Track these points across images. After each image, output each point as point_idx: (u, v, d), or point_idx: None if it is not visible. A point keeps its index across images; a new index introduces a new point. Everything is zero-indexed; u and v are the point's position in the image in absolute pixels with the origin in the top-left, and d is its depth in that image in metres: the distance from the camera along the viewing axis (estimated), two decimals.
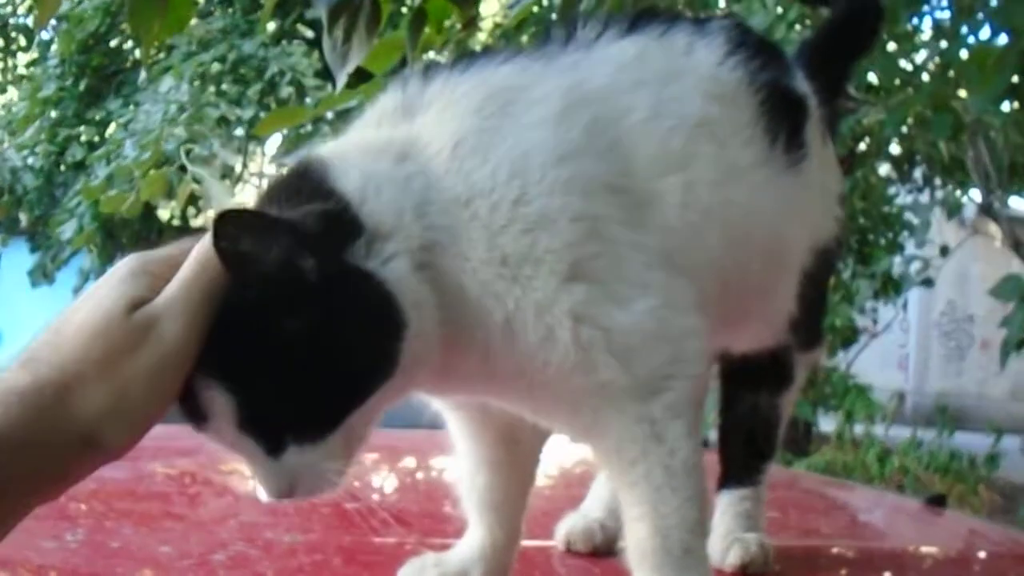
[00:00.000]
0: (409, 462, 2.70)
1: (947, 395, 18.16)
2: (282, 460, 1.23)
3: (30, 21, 15.08)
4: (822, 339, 1.91)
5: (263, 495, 1.27)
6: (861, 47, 2.01)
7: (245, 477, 2.45)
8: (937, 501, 2.65)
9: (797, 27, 7.78)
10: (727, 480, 1.82)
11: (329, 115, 4.18)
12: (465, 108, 1.37)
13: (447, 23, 2.83)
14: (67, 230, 8.80)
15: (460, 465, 1.61)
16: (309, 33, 10.57)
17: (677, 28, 1.57)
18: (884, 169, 11.48)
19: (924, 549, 2.37)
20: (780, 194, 1.56)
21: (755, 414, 1.79)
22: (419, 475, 2.66)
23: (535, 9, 4.91)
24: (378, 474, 2.44)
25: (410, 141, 1.35)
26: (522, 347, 1.31)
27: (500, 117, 1.37)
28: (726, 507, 1.79)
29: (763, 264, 1.57)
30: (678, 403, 1.35)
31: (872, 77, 7.29)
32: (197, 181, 7.40)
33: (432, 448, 2.51)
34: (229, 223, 1.15)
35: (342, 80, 2.41)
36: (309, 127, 7.33)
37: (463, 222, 1.30)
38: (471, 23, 3.06)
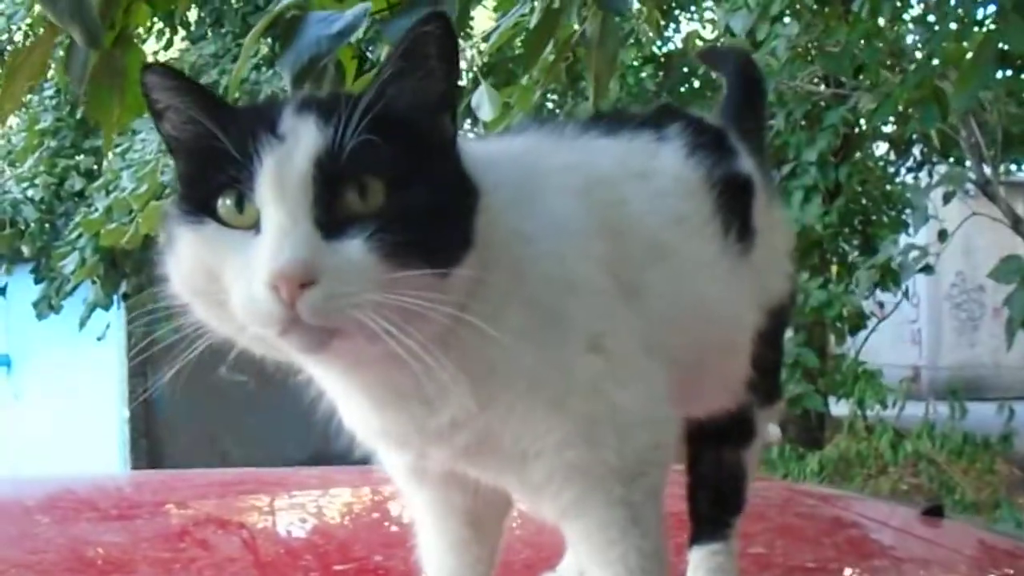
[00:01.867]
0: None
1: (962, 367, 18.14)
2: (325, 244, 1.19)
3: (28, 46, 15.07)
4: (780, 393, 1.94)
5: (264, 265, 1.18)
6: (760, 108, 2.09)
7: (264, 514, 2.47)
8: (934, 511, 2.65)
9: (785, 19, 7.81)
10: (697, 536, 1.81)
11: None
12: (506, 160, 1.45)
13: None
14: (70, 263, 8.82)
15: (427, 547, 1.62)
16: None
17: (641, 132, 1.63)
18: (882, 149, 11.49)
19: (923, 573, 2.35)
20: (735, 281, 1.61)
21: (720, 470, 1.79)
22: None
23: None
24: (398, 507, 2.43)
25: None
26: (535, 404, 1.33)
27: (536, 174, 1.44)
28: (698, 563, 1.79)
29: (722, 347, 1.63)
30: (655, 488, 1.41)
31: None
32: None
33: None
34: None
35: None
36: None
37: (527, 256, 1.35)
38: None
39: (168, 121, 1.32)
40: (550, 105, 10.47)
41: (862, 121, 9.10)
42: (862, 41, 6.80)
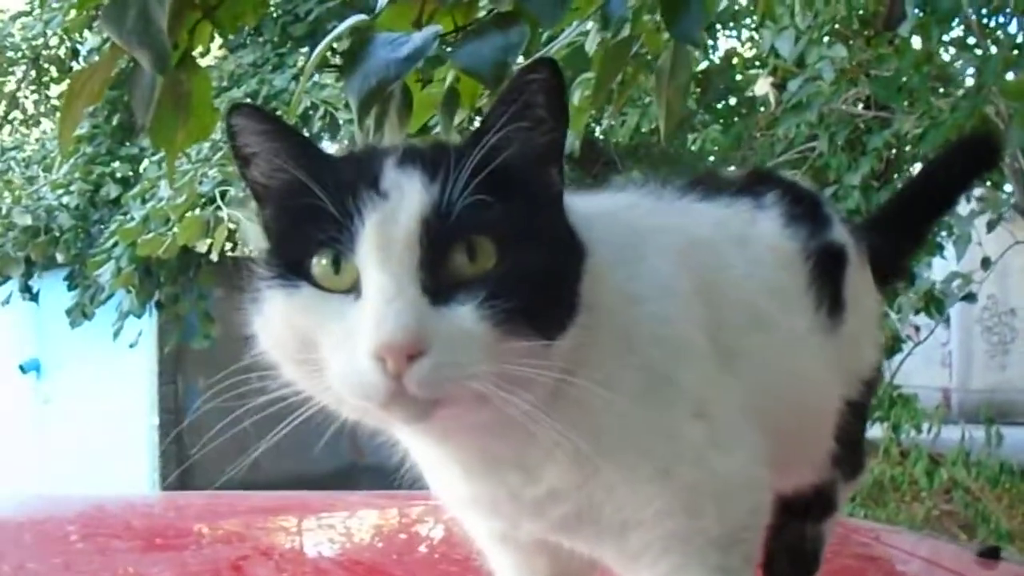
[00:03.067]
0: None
1: (993, 390, 18.02)
2: (433, 311, 1.14)
3: (62, 52, 15.18)
4: (864, 466, 1.88)
5: (368, 335, 1.13)
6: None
7: (290, 535, 2.45)
8: (991, 553, 2.60)
9: (825, 41, 7.75)
10: None
11: None
12: (610, 218, 1.40)
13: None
14: (105, 272, 8.80)
15: None
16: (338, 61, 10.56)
17: (739, 199, 1.62)
18: None
19: None
20: (825, 354, 1.59)
21: (802, 542, 1.79)
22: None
23: None
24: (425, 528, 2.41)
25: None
26: (639, 474, 1.30)
27: (638, 233, 1.41)
28: None
29: (809, 420, 1.60)
30: (750, 553, 1.38)
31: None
32: (234, 222, 7.44)
33: None
34: None
35: None
36: None
37: (635, 318, 1.31)
38: None
39: (256, 168, 1.27)
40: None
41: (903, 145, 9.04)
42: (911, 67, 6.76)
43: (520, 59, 2.20)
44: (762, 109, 9.40)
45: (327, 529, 2.51)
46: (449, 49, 2.31)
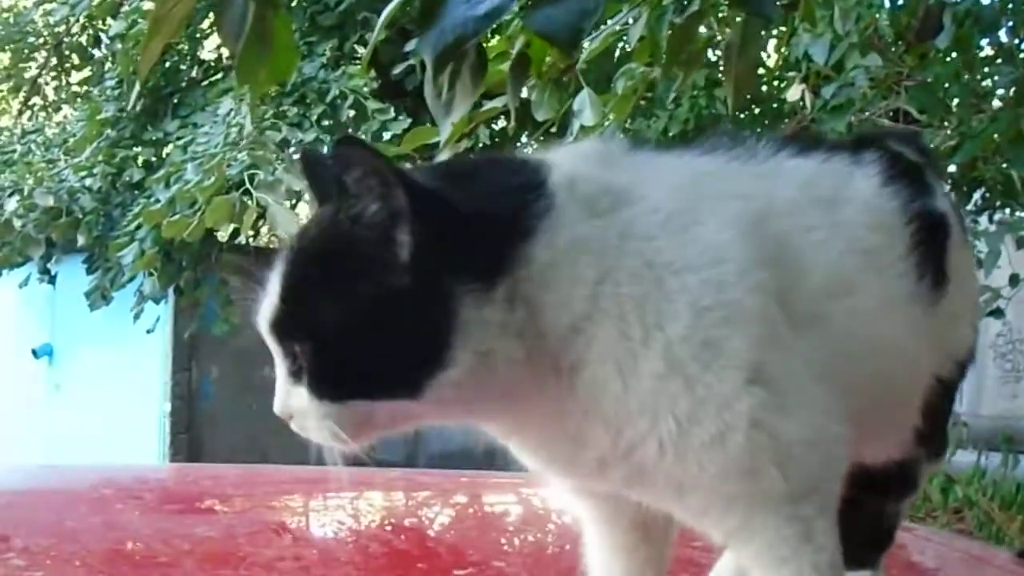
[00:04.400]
0: (460, 499, 2.66)
1: (1004, 417, 17.96)
2: (295, 387, 1.35)
3: (84, 39, 15.18)
4: (946, 447, 1.85)
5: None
6: None
7: (297, 515, 2.42)
8: None
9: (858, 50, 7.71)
10: (847, 563, 1.76)
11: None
12: (675, 183, 1.40)
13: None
14: (128, 254, 8.77)
15: (592, 553, 1.58)
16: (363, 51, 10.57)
17: (836, 155, 1.58)
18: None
19: None
20: (920, 326, 1.54)
21: (880, 520, 1.76)
22: (475, 513, 2.61)
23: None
24: (433, 512, 2.38)
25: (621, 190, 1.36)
26: (690, 443, 1.28)
27: (703, 200, 1.38)
28: None
29: (897, 392, 1.56)
30: (826, 503, 1.37)
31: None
32: (262, 207, 7.41)
33: (486, 488, 2.52)
34: (346, 149, 1.28)
35: (446, 130, 2.35)
36: None
37: (667, 292, 1.29)
38: (571, 68, 3.01)
39: None
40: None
41: None
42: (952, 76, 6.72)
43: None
44: (787, 118, 9.36)
45: (335, 510, 2.48)
46: (523, 11, 2.29)
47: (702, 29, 3.13)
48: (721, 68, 9.79)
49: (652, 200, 1.33)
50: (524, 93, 2.87)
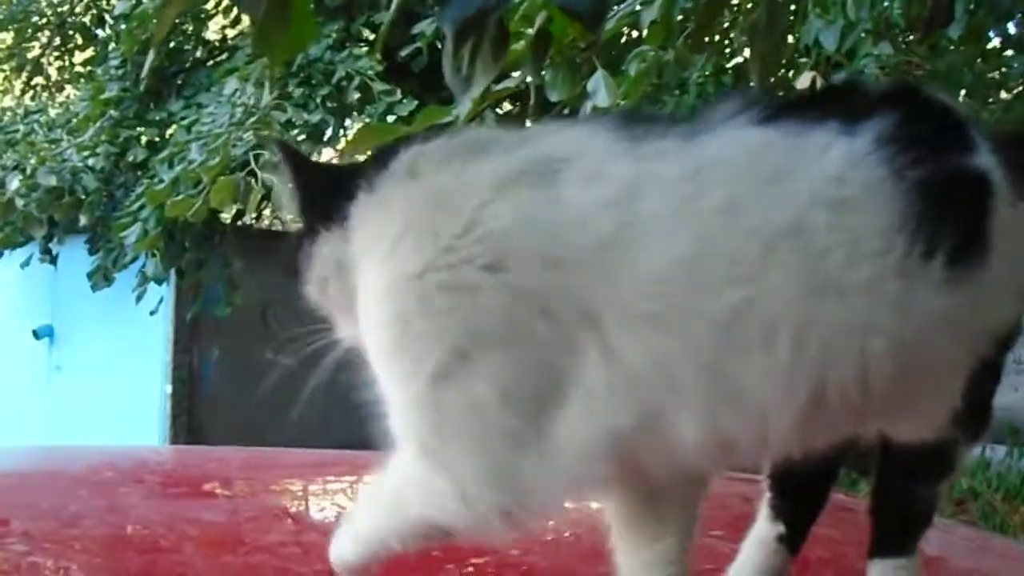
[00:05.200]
0: None
1: (1007, 409, 17.92)
2: None
3: (87, 19, 15.16)
4: (988, 424, 1.74)
5: None
6: None
7: (298, 499, 2.38)
8: None
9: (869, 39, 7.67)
10: (878, 550, 1.69)
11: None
12: (504, 161, 1.40)
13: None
14: (132, 234, 8.74)
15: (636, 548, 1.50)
16: (371, 36, 10.53)
17: (824, 126, 1.38)
18: None
19: None
20: (926, 306, 1.34)
21: (914, 503, 1.63)
22: None
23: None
24: None
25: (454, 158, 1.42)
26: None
27: (517, 178, 1.36)
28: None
29: (891, 379, 1.36)
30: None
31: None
32: (267, 188, 7.37)
33: None
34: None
35: (466, 106, 2.30)
36: None
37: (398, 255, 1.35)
38: (594, 44, 2.97)
39: None
40: None
41: None
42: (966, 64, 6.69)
43: None
44: None
45: (336, 494, 2.45)
46: None
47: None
48: (728, 54, 9.81)
49: (473, 171, 1.36)
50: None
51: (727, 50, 8.33)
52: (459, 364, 1.29)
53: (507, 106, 8.42)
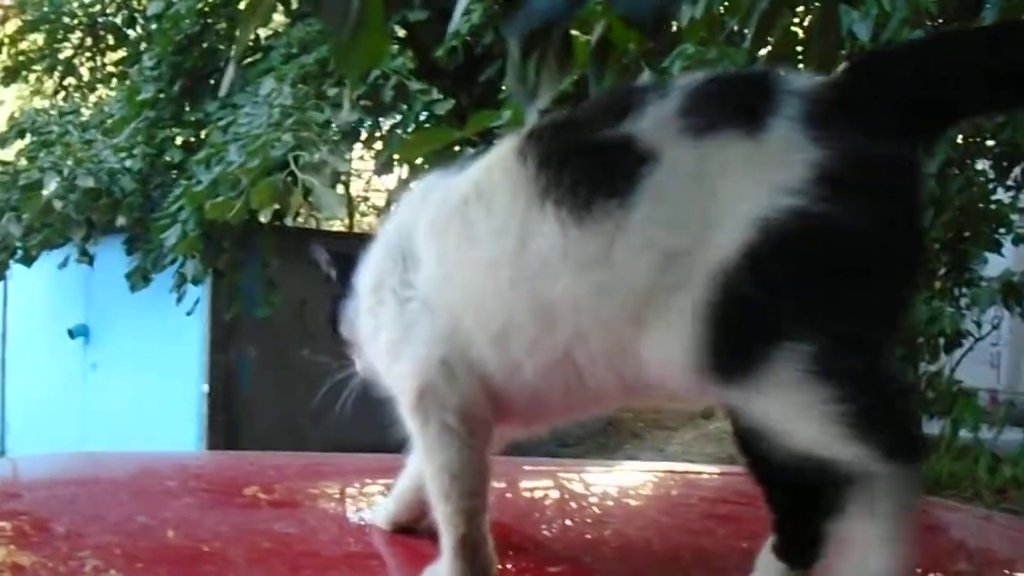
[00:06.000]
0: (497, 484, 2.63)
1: None
2: None
3: (119, 20, 15.21)
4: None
5: None
6: None
7: (335, 501, 2.39)
8: None
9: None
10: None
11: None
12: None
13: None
14: (171, 236, 8.78)
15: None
16: (401, 32, 10.54)
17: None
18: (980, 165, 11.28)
19: None
20: (591, 266, 1.47)
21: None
22: (513, 499, 2.59)
23: None
24: None
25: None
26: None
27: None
28: None
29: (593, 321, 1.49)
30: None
31: None
32: (307, 188, 7.41)
33: (522, 474, 2.57)
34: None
35: (532, 116, 2.30)
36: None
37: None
38: (652, 51, 2.98)
39: None
40: None
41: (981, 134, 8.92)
42: None
43: None
44: None
45: (374, 496, 2.45)
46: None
47: None
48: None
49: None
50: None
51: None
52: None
53: None
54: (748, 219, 1.37)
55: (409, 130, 9.56)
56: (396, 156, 8.76)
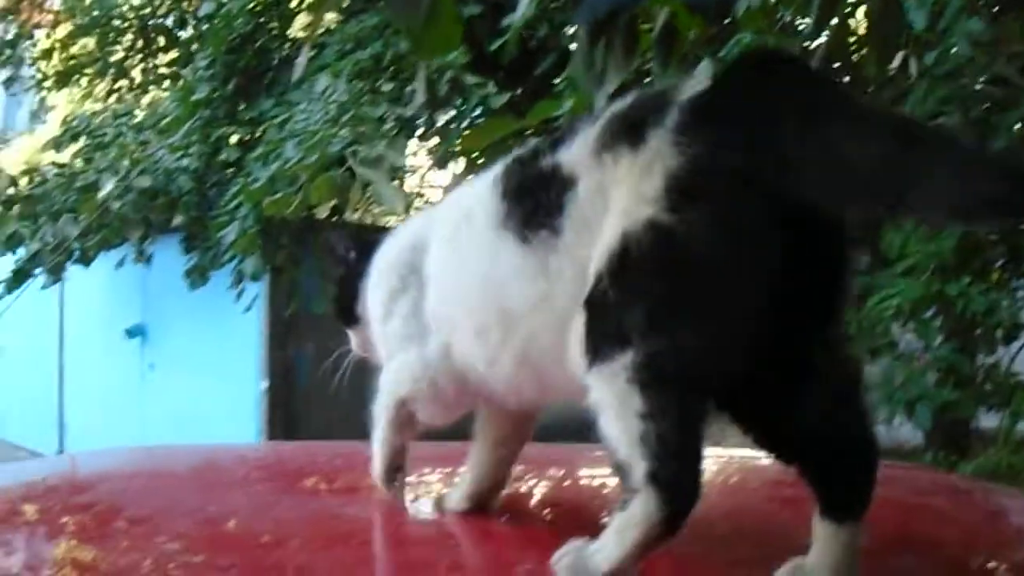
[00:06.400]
0: (556, 472, 2.62)
1: None
2: None
3: (170, 22, 15.29)
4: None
5: None
6: None
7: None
8: None
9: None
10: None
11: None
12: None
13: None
14: (230, 233, 8.83)
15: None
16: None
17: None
18: None
19: None
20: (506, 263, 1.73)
21: None
22: (572, 486, 2.58)
23: None
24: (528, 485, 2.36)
25: None
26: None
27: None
28: None
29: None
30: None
31: None
32: (365, 183, 7.43)
33: (581, 461, 2.59)
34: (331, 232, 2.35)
35: (600, 103, 2.32)
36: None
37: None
38: (714, 37, 2.99)
39: None
40: None
41: None
42: None
43: None
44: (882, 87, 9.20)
45: (433, 484, 2.45)
46: None
47: None
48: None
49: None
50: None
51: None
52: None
53: None
54: (616, 228, 1.49)
55: (463, 124, 9.56)
56: (458, 147, 8.77)
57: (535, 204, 1.65)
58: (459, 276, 1.84)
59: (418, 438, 2.03)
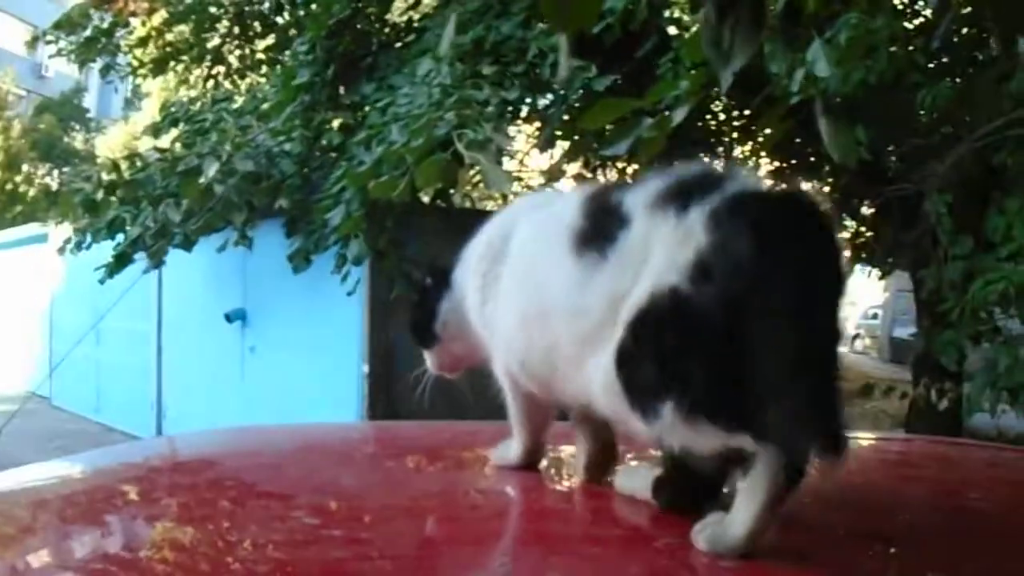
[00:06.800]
0: None
1: None
2: None
3: (266, 7, 15.42)
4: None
5: None
6: None
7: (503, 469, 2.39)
8: None
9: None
10: None
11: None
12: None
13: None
14: (336, 216, 8.88)
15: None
16: None
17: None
18: None
19: None
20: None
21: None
22: None
23: None
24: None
25: None
26: None
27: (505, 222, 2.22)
28: None
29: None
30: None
31: None
32: (471, 166, 7.45)
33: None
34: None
35: (727, 80, 2.32)
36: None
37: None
38: (830, 17, 2.96)
39: None
40: None
41: None
42: None
43: None
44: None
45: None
46: None
47: None
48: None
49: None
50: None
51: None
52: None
53: None
54: (649, 285, 1.67)
55: (564, 108, 9.56)
56: (558, 132, 8.77)
57: (596, 227, 1.80)
58: (526, 271, 1.97)
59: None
